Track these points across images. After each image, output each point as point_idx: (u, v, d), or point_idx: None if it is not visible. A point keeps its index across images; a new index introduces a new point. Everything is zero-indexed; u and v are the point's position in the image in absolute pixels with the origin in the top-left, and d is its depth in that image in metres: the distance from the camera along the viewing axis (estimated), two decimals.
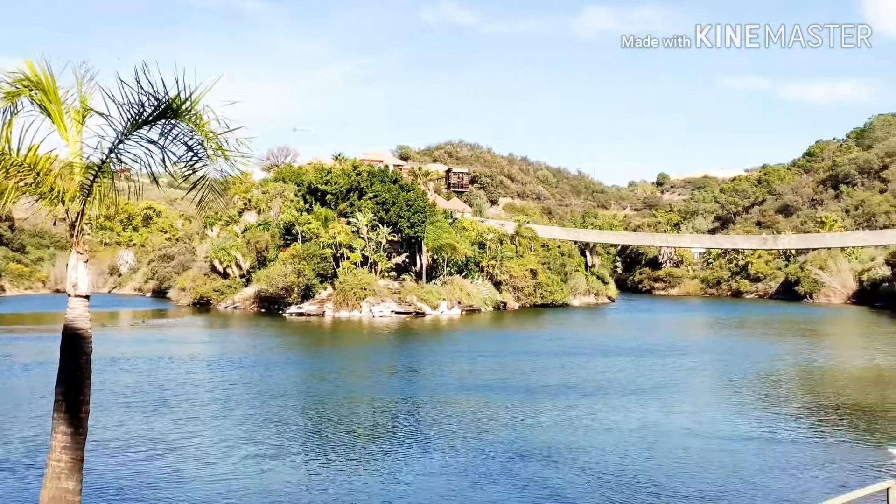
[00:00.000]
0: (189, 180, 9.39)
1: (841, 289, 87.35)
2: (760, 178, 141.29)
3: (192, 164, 9.20)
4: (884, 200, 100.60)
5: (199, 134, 8.88)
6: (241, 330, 55.18)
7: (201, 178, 9.31)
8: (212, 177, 9.41)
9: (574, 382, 30.15)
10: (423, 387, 29.80)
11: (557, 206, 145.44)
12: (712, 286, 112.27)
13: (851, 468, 17.91)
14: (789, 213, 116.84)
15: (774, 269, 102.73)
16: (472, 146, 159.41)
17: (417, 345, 45.74)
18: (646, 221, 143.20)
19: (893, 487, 14.84)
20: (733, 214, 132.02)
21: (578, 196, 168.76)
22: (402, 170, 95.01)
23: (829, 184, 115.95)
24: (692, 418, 23.84)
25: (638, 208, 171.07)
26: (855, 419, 23.54)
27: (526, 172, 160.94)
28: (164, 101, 8.59)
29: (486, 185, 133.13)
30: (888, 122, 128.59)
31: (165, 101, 8.59)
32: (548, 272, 79.96)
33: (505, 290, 74.90)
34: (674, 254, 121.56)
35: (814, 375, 33.00)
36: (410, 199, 69.51)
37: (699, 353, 41.68)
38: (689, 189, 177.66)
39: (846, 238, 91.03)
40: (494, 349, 42.01)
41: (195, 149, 9.09)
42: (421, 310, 64.27)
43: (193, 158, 9.11)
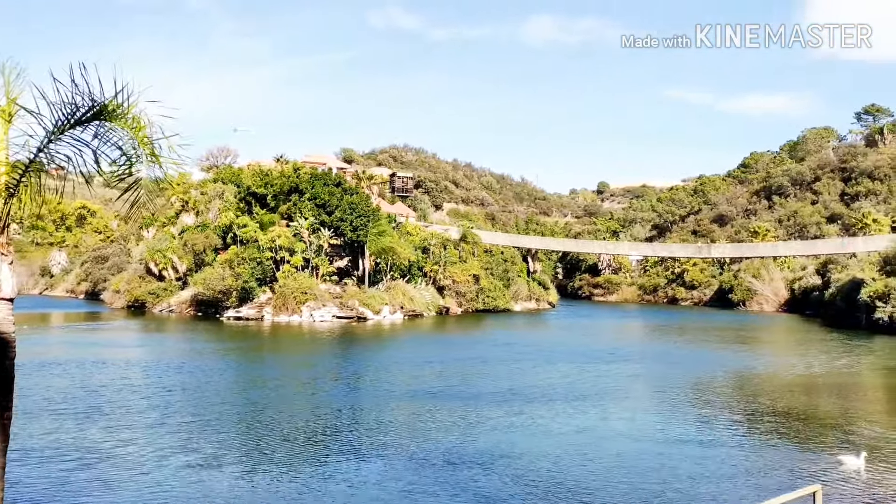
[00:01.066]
0: (123, 183, 9.12)
1: (773, 297, 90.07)
2: (697, 188, 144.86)
3: (127, 167, 8.93)
4: (815, 212, 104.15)
5: (133, 137, 8.62)
6: (176, 334, 53.93)
7: (134, 181, 9.04)
8: (145, 176, 9.14)
9: (515, 388, 30.31)
10: (363, 393, 29.58)
11: (501, 213, 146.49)
12: (649, 293, 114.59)
13: (783, 472, 18.41)
14: (724, 222, 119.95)
15: (709, 276, 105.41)
16: (417, 151, 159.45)
17: (359, 350, 45.42)
18: (586, 229, 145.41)
19: (819, 491, 15.33)
20: (670, 223, 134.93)
21: (521, 203, 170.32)
22: (345, 173, 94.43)
23: (763, 194, 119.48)
24: (630, 424, 24.21)
25: (579, 216, 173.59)
26: (786, 425, 24.22)
27: (470, 178, 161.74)
28: (98, 103, 8.32)
29: (431, 190, 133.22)
30: (820, 136, 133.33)
31: (100, 102, 8.31)
32: (490, 278, 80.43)
33: (448, 295, 75.04)
34: (613, 261, 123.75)
35: (748, 382, 33.88)
36: (353, 202, 69.09)
37: (638, 359, 42.39)
38: (628, 198, 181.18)
39: (778, 248, 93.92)
40: (437, 355, 41.98)
41: (129, 152, 8.83)
42: (363, 314, 63.86)
43: (127, 161, 8.84)
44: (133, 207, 9.22)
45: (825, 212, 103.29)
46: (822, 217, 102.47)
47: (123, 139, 8.70)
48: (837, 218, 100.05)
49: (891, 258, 61.11)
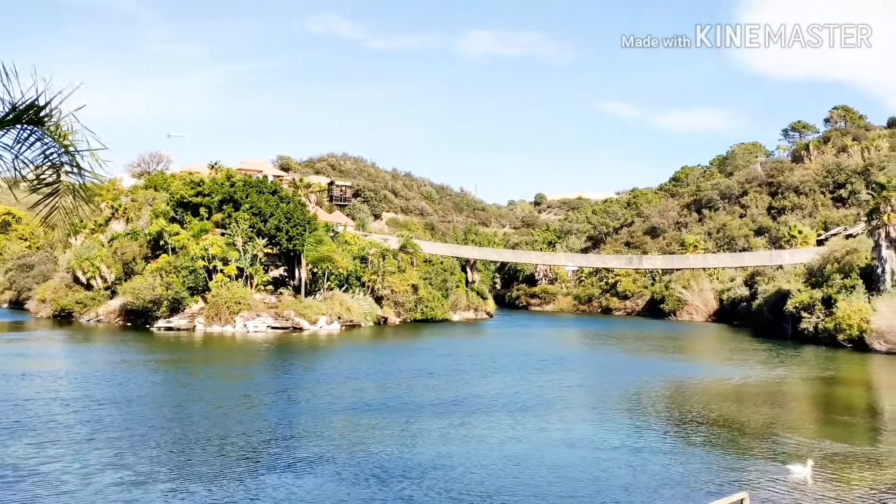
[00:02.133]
0: (46, 188, 8.75)
1: (703, 307, 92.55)
2: (630, 200, 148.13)
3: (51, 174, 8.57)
4: (743, 225, 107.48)
5: (57, 144, 8.30)
6: (105, 345, 52.23)
7: (56, 187, 8.70)
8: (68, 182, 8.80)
9: (455, 399, 30.30)
10: (299, 406, 29.12)
11: (440, 223, 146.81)
12: (584, 303, 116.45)
13: (712, 480, 18.84)
14: (656, 234, 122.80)
15: (641, 287, 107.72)
16: (356, 159, 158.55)
17: (295, 361, 44.77)
18: (524, 239, 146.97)
19: (747, 498, 15.74)
20: (604, 234, 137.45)
21: (461, 213, 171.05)
22: (282, 181, 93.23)
23: (693, 208, 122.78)
24: (567, 433, 24.43)
25: (517, 226, 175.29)
26: (717, 433, 24.82)
27: (410, 188, 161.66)
28: (19, 106, 7.97)
29: (370, 200, 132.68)
30: (748, 151, 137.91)
31: (22, 105, 7.97)
32: (429, 287, 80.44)
33: (386, 304, 74.69)
34: (549, 271, 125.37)
35: (681, 391, 34.63)
36: (290, 210, 68.24)
37: (575, 368, 42.91)
38: (565, 209, 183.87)
39: (708, 259, 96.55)
40: (376, 365, 41.70)
41: (52, 158, 8.49)
42: (299, 325, 63.01)
43: (51, 167, 8.49)
44: (52, 214, 8.86)
45: (753, 225, 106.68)
46: (750, 230, 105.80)
47: (47, 144, 8.36)
48: (765, 231, 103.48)
49: (815, 270, 63.46)
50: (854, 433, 24.66)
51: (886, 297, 51.55)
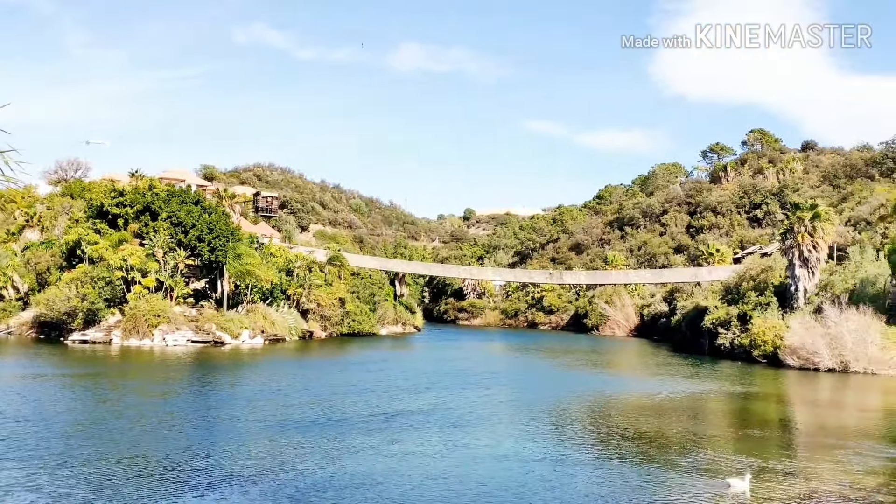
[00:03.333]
0: None
1: (624, 322, 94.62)
2: (556, 217, 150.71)
3: None
4: (663, 242, 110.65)
5: None
6: (16, 358, 49.67)
7: None
8: None
9: (380, 415, 29.94)
10: (219, 423, 28.24)
11: (369, 236, 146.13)
12: (511, 317, 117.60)
13: (633, 493, 19.04)
14: (581, 250, 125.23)
15: (566, 302, 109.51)
16: (283, 170, 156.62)
17: (215, 376, 43.53)
18: (453, 254, 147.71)
19: None
20: (531, 250, 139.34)
21: (390, 226, 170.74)
22: (205, 191, 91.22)
23: (616, 225, 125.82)
24: (492, 448, 24.37)
25: (446, 241, 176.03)
26: (639, 447, 25.21)
27: (338, 200, 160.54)
28: None
29: (297, 211, 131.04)
30: (668, 171, 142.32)
31: None
32: (357, 301, 79.70)
33: (312, 318, 73.60)
34: (477, 285, 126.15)
35: (603, 404, 35.12)
36: (213, 221, 66.62)
37: (501, 383, 43.04)
38: (493, 224, 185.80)
39: (630, 275, 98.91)
40: (300, 381, 40.91)
41: None
42: (220, 339, 61.42)
43: None
44: None
45: (673, 243, 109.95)
46: (670, 248, 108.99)
47: None
48: (684, 249, 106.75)
49: (732, 288, 65.64)
50: (769, 447, 25.42)
51: (799, 315, 53.66)
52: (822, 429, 29.80)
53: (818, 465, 22.37)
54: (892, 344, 45.60)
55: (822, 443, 26.47)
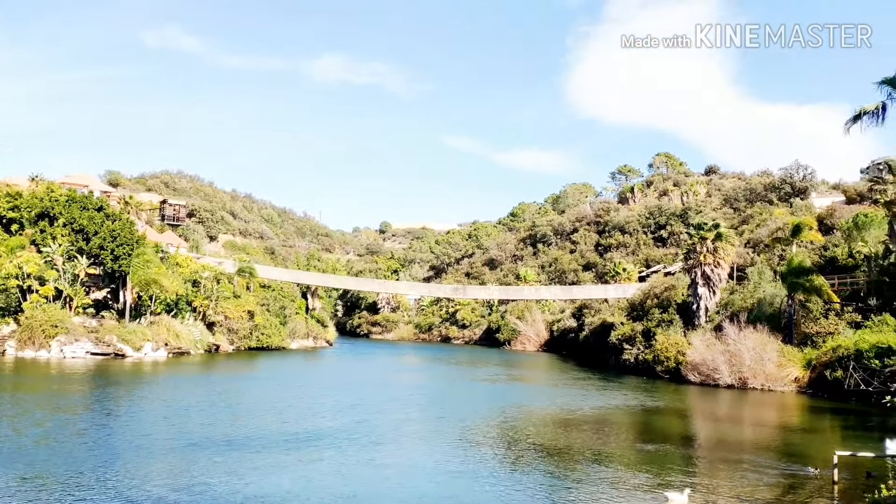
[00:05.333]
0: None
1: (535, 337, 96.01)
2: (471, 232, 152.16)
3: None
4: (573, 260, 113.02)
5: None
6: None
7: None
8: None
9: (286, 432, 29.19)
10: (115, 441, 26.87)
11: (281, 247, 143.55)
12: (425, 331, 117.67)
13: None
14: (494, 266, 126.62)
15: (479, 317, 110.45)
16: (192, 178, 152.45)
17: (114, 391, 41.57)
18: (367, 267, 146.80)
19: None
20: (446, 264, 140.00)
21: (303, 238, 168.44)
22: (110, 197, 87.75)
23: (529, 242, 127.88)
24: (401, 463, 24.09)
25: (361, 254, 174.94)
26: (546, 461, 25.39)
27: (250, 210, 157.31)
28: None
29: (206, 220, 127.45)
30: (579, 191, 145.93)
31: None
32: (266, 314, 77.98)
33: (219, 331, 71.50)
34: (392, 299, 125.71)
35: (514, 418, 35.33)
36: (116, 229, 64.01)
37: (412, 397, 42.80)
38: (409, 238, 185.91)
39: (541, 291, 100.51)
40: (203, 397, 39.52)
41: None
42: (122, 351, 58.89)
43: None
44: None
45: (582, 260, 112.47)
46: (580, 265, 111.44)
47: None
48: (592, 266, 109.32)
49: (637, 305, 67.50)
50: (671, 462, 26.05)
51: (700, 332, 55.58)
52: (722, 443, 30.81)
53: (717, 480, 23.06)
54: (787, 361, 47.70)
55: (721, 457, 27.33)
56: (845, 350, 43.13)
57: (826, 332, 48.37)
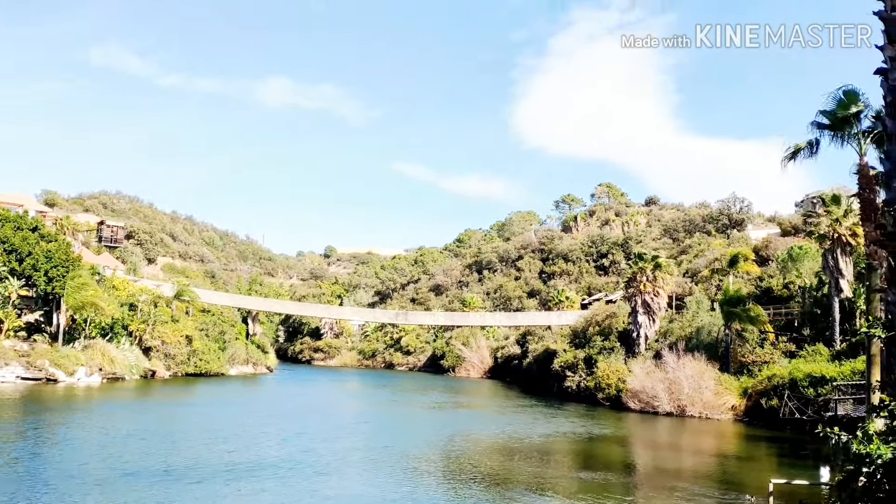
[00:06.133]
0: None
1: (479, 364, 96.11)
2: (417, 258, 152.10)
3: None
4: (517, 286, 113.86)
5: None
6: None
7: None
8: None
9: (221, 463, 28.49)
10: (41, 473, 25.83)
11: (222, 271, 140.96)
12: (368, 357, 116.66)
13: None
14: (440, 292, 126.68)
15: (424, 343, 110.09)
16: (131, 199, 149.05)
17: (45, 418, 40.01)
18: (311, 292, 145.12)
19: None
20: (392, 290, 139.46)
21: (246, 262, 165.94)
22: (46, 217, 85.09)
23: (475, 268, 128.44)
24: (339, 493, 23.75)
25: (305, 278, 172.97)
26: (488, 489, 25.32)
27: (190, 232, 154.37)
28: None
29: (144, 242, 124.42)
30: (524, 219, 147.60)
31: None
32: (205, 339, 76.35)
33: (155, 356, 69.64)
34: (335, 325, 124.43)
35: (456, 446, 35.19)
36: (51, 250, 62.06)
37: (353, 425, 42.30)
38: (354, 263, 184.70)
39: (486, 318, 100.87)
40: (137, 424, 38.34)
41: None
42: (54, 376, 56.84)
43: None
44: None
45: (526, 287, 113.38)
46: (524, 292, 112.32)
47: None
48: (536, 293, 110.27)
49: (579, 332, 68.29)
50: (612, 489, 26.28)
51: (640, 360, 56.46)
52: (661, 471, 31.22)
53: None
54: (724, 390, 48.70)
55: (660, 485, 27.69)
56: (780, 379, 44.27)
57: (762, 361, 49.61)
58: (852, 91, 28.66)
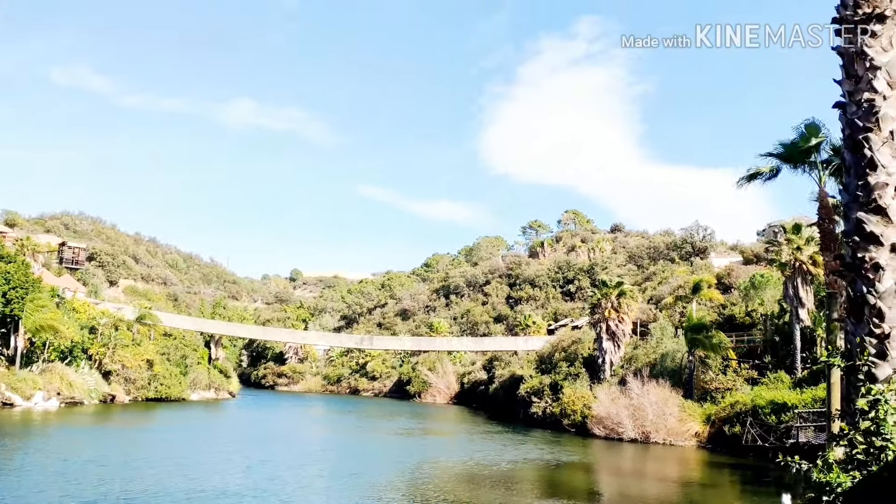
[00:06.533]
0: None
1: (445, 389, 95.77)
2: (384, 282, 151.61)
3: None
4: (484, 311, 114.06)
5: None
6: None
7: None
8: None
9: (183, 490, 27.90)
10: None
11: (185, 294, 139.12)
12: (333, 383, 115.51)
13: None
14: (407, 316, 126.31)
15: (390, 368, 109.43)
16: (93, 220, 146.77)
17: (1, 442, 38.94)
18: (276, 316, 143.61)
19: None
20: (358, 314, 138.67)
21: (209, 285, 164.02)
22: (5, 237, 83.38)
23: (442, 293, 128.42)
24: None
25: (269, 302, 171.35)
26: None
27: (154, 255, 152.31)
28: None
29: (106, 264, 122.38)
30: (491, 244, 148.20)
31: None
32: (167, 364, 75.05)
33: (115, 381, 68.26)
34: (300, 350, 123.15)
35: (422, 473, 34.90)
36: (10, 271, 60.72)
37: (320, 454, 41.78)
38: (321, 287, 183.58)
39: (453, 343, 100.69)
40: (96, 450, 37.45)
41: None
42: (10, 400, 55.32)
43: None
44: None
45: (493, 312, 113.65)
46: (491, 317, 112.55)
47: None
48: (503, 318, 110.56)
49: (545, 357, 68.48)
50: None
51: (605, 386, 56.71)
52: (625, 498, 31.30)
53: None
54: (688, 416, 49.08)
55: None
56: (743, 406, 44.77)
57: (724, 388, 50.14)
58: (814, 124, 29.43)
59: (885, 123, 10.12)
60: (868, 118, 10.20)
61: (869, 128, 10.16)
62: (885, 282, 9.71)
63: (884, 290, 9.70)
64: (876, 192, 9.92)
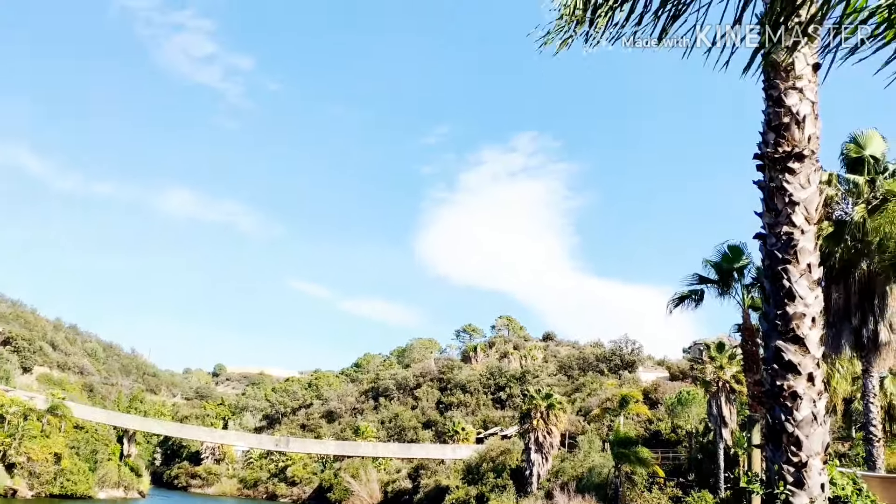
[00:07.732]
0: None
1: (368, 498, 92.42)
2: (312, 381, 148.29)
3: None
4: (414, 416, 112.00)
5: None
6: None
7: None
8: None
9: None
10: None
11: (102, 385, 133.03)
12: (250, 487, 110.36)
13: None
14: (333, 418, 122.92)
15: (311, 473, 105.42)
16: (12, 303, 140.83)
17: None
18: (195, 412, 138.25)
19: None
20: (281, 414, 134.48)
21: (128, 376, 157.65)
22: None
23: (371, 395, 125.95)
24: None
25: (189, 397, 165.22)
26: None
27: (73, 342, 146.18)
28: None
29: (22, 350, 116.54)
30: (424, 346, 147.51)
31: None
32: (76, 458, 70.87)
33: (19, 474, 63.97)
34: (217, 450, 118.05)
35: None
36: None
37: None
38: (245, 383, 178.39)
39: (378, 448, 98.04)
40: None
41: None
42: None
43: None
44: None
45: (423, 417, 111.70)
46: (420, 422, 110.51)
47: None
48: (432, 424, 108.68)
49: (473, 467, 67.32)
50: None
51: (532, 499, 55.89)
52: None
53: None
54: None
55: None
56: None
57: None
58: (736, 247, 30.95)
59: (803, 256, 10.68)
60: (787, 250, 10.74)
61: (788, 259, 10.70)
62: (802, 410, 10.08)
63: (801, 418, 10.06)
64: (794, 322, 10.42)
